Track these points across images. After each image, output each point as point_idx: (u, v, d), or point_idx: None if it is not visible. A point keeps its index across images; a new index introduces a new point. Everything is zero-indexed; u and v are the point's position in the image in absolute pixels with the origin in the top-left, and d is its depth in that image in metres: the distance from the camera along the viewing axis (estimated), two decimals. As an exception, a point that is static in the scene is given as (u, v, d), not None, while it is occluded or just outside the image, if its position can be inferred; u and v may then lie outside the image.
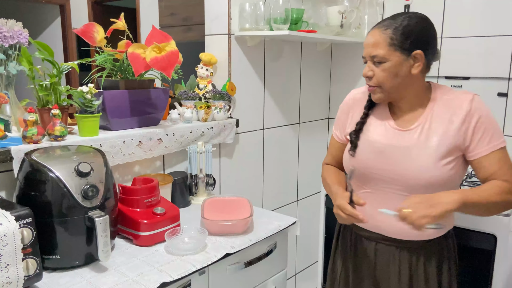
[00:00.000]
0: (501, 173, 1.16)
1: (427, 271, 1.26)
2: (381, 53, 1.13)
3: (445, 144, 1.16)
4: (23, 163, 1.17)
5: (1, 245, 0.96)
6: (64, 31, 4.82)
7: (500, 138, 1.18)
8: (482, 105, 1.18)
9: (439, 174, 1.15)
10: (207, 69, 1.94)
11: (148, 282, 1.09)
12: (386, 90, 1.18)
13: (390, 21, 1.16)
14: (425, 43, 1.15)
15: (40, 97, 1.36)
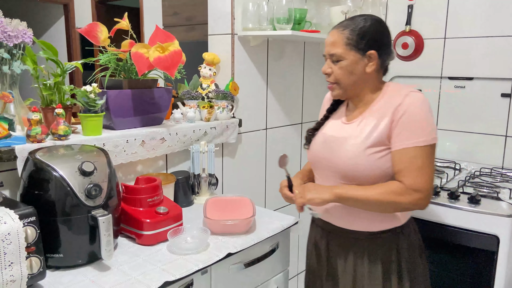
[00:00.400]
0: (405, 172, 1.18)
1: (370, 264, 1.30)
2: (339, 52, 1.22)
3: (373, 135, 1.22)
4: (27, 162, 1.18)
5: (5, 244, 0.97)
6: (67, 31, 4.83)
7: (421, 137, 1.17)
8: (414, 101, 1.19)
9: (365, 162, 1.21)
10: (210, 69, 1.94)
11: (150, 281, 1.09)
12: (343, 87, 1.27)
13: (348, 22, 1.25)
14: (378, 43, 1.23)
15: (44, 96, 1.36)
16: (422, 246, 1.36)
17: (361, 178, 1.23)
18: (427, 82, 2.26)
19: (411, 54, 2.27)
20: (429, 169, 1.18)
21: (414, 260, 1.31)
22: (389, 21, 2.35)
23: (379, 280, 1.29)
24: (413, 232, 1.34)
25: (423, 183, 1.17)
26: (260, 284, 1.45)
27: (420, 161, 1.17)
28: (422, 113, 1.18)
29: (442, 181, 1.84)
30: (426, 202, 1.19)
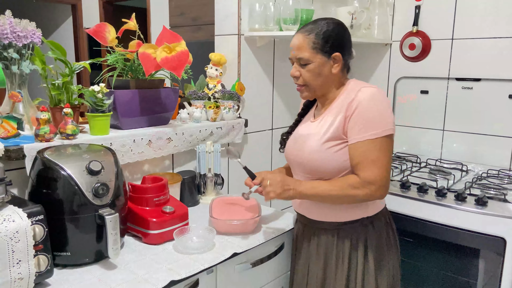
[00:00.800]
0: (360, 166, 1.22)
1: (338, 254, 1.33)
2: (306, 56, 1.27)
3: (330, 131, 1.27)
4: (35, 161, 1.19)
5: (13, 242, 0.98)
6: (75, 31, 4.87)
7: (373, 130, 1.21)
8: (365, 96, 1.23)
9: (323, 156, 1.27)
10: (216, 69, 1.95)
11: (156, 280, 1.10)
12: (312, 89, 1.32)
13: (312, 26, 1.29)
14: (342, 46, 1.28)
15: (53, 96, 1.38)
16: (392, 241, 1.37)
17: (321, 171, 1.29)
18: (434, 83, 2.25)
19: (418, 55, 2.26)
20: (382, 161, 1.21)
21: (381, 253, 1.33)
22: (396, 21, 2.34)
23: (346, 271, 1.32)
24: (384, 225, 1.35)
25: (376, 175, 1.20)
26: (265, 284, 1.46)
27: (372, 154, 1.21)
28: (372, 107, 1.22)
29: (449, 183, 1.83)
30: (381, 192, 1.23)
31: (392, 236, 1.38)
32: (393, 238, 1.38)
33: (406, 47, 2.29)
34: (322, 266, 1.36)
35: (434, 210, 1.68)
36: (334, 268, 1.33)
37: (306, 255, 1.41)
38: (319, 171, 1.29)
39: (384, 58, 2.40)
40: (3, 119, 1.21)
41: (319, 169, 1.29)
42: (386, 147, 1.22)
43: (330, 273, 1.35)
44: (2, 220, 0.98)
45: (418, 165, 2.14)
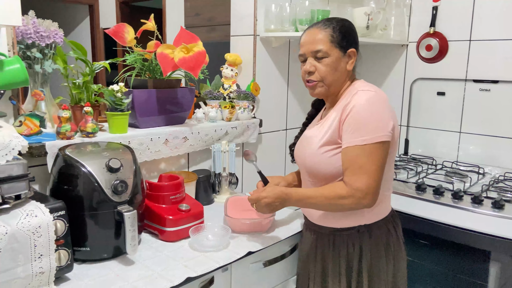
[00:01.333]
0: (347, 172, 1.19)
1: (334, 259, 1.32)
2: (324, 48, 1.24)
3: (327, 134, 1.25)
4: (57, 158, 1.22)
5: (36, 236, 1.01)
6: (92, 31, 4.94)
7: (362, 136, 1.17)
8: (359, 100, 1.20)
9: (319, 160, 1.26)
10: (232, 69, 1.96)
11: (173, 277, 1.12)
12: (327, 85, 1.28)
13: (326, 22, 1.28)
14: (355, 42, 1.28)
15: (73, 95, 1.41)
16: (394, 251, 1.32)
17: (320, 175, 1.28)
18: (451, 84, 2.23)
19: (435, 56, 2.24)
20: (370, 168, 1.16)
21: (377, 263, 1.29)
22: (413, 22, 2.32)
23: (342, 277, 1.30)
24: (385, 234, 1.30)
25: (362, 182, 1.16)
26: (279, 284, 1.47)
27: (360, 160, 1.16)
28: (364, 112, 1.18)
29: (465, 186, 1.81)
30: (367, 201, 1.17)
31: (395, 246, 1.32)
32: (396, 249, 1.32)
33: (422, 48, 2.27)
34: (320, 272, 1.35)
35: (450, 212, 1.67)
36: (331, 275, 1.32)
37: (306, 257, 1.40)
38: (318, 175, 1.28)
39: (400, 59, 2.38)
40: (26, 117, 1.24)
41: (318, 173, 1.28)
42: (376, 154, 1.17)
43: (328, 279, 1.33)
44: (25, 215, 1.01)
45: (434, 167, 2.12)
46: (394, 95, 2.41)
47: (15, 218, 0.99)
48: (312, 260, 1.38)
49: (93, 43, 5.12)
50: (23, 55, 1.30)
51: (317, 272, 1.36)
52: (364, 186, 1.16)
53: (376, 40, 2.12)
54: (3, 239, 0.95)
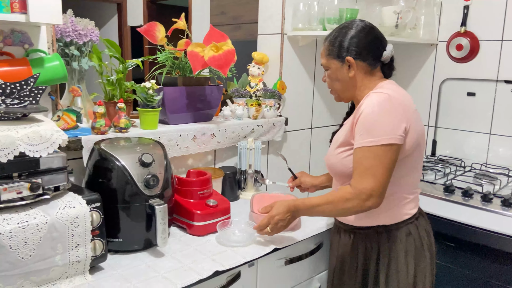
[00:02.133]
0: (354, 173, 1.20)
1: (352, 257, 1.34)
2: (323, 62, 1.33)
3: (342, 136, 1.28)
4: (92, 152, 1.27)
5: (73, 226, 1.06)
6: (120, 29, 5.05)
7: (369, 138, 1.17)
8: (369, 102, 1.20)
9: (336, 161, 1.29)
10: (258, 68, 1.98)
11: (202, 270, 1.15)
12: (336, 93, 1.35)
13: (330, 34, 1.32)
14: (355, 49, 1.26)
15: (107, 91, 1.46)
16: (416, 255, 1.29)
17: (338, 174, 1.31)
18: (482, 85, 2.18)
19: (465, 56, 2.20)
20: (377, 170, 1.16)
21: (397, 265, 1.27)
22: (443, 21, 2.28)
23: (359, 275, 1.32)
24: (405, 236, 1.28)
25: (366, 184, 1.16)
26: (303, 281, 1.48)
27: (367, 162, 1.17)
28: (373, 114, 1.17)
29: (495, 188, 1.78)
30: (372, 203, 1.17)
31: (417, 249, 1.29)
32: (418, 251, 1.29)
33: (453, 48, 2.23)
34: (340, 266, 1.37)
35: (479, 215, 1.64)
36: (348, 271, 1.34)
37: (333, 252, 1.43)
38: (337, 174, 1.32)
39: (429, 59, 2.35)
40: (64, 112, 1.29)
41: (336, 172, 1.31)
42: (383, 156, 1.16)
43: (346, 273, 1.35)
44: (64, 206, 1.06)
45: (463, 169, 2.09)
46: (422, 96, 2.38)
47: (54, 209, 1.04)
48: (335, 257, 1.40)
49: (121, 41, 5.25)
50: (62, 53, 1.35)
51: (336, 272, 1.39)
52: (368, 188, 1.16)
53: (405, 39, 2.09)
54: (43, 228, 1.00)
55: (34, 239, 0.99)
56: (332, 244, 1.45)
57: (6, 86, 1.09)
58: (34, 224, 0.99)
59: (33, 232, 0.99)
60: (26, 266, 0.98)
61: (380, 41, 1.29)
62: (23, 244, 0.97)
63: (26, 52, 1.27)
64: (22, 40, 1.26)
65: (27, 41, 1.27)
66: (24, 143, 0.99)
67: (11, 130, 0.99)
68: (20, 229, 0.97)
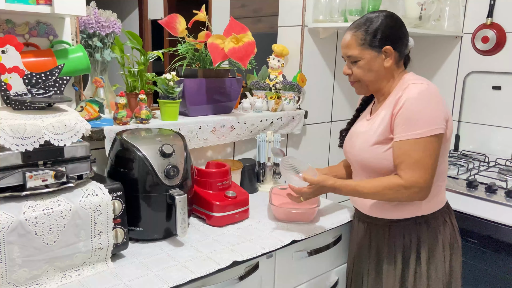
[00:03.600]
0: (402, 166, 1.18)
1: (389, 251, 1.32)
2: (355, 53, 1.26)
3: (379, 129, 1.25)
4: (114, 142, 1.29)
5: (96, 214, 1.08)
6: (141, 22, 5.10)
7: (417, 129, 1.16)
8: (411, 93, 1.18)
9: (372, 155, 1.26)
10: (278, 60, 1.97)
11: (220, 259, 1.16)
12: (365, 84, 1.30)
13: (359, 22, 1.28)
14: (392, 38, 1.25)
15: (129, 82, 1.47)
16: (451, 242, 1.31)
17: (373, 170, 1.28)
18: (508, 78, 2.12)
19: (491, 49, 2.13)
20: (426, 162, 1.17)
21: (435, 254, 1.28)
22: (469, 13, 2.22)
23: (398, 268, 1.30)
24: (442, 224, 1.30)
25: (417, 177, 1.16)
26: (321, 274, 1.47)
27: (415, 155, 1.16)
28: (417, 105, 1.17)
29: (521, 184, 1.73)
30: (422, 195, 1.19)
31: (452, 236, 1.32)
32: (452, 239, 1.32)
33: (478, 40, 2.17)
34: (375, 263, 1.36)
35: (503, 211, 1.60)
36: (386, 265, 1.32)
37: (360, 249, 1.41)
38: (371, 169, 1.29)
39: (454, 51, 2.29)
40: (87, 103, 1.32)
41: (371, 167, 1.28)
42: (431, 147, 1.17)
43: (383, 270, 1.33)
44: (87, 194, 1.08)
45: (487, 164, 2.04)
46: (446, 89, 2.32)
47: (78, 196, 1.06)
48: (366, 251, 1.38)
49: (141, 34, 5.29)
50: (85, 44, 1.37)
51: (371, 263, 1.37)
52: (421, 180, 1.17)
53: (428, 31, 2.04)
54: (67, 215, 1.03)
55: (58, 226, 1.01)
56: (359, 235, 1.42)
57: (32, 76, 1.11)
58: (59, 211, 1.01)
59: (58, 219, 1.01)
60: (51, 252, 1.01)
61: (407, 31, 1.30)
62: (48, 230, 1.00)
63: (51, 43, 1.29)
64: (47, 32, 1.29)
65: (52, 32, 1.30)
66: (49, 132, 1.01)
67: (37, 119, 1.02)
68: (45, 215, 0.99)
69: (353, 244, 1.46)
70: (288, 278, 1.36)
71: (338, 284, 1.54)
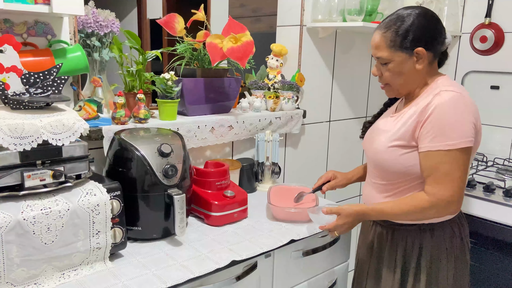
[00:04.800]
0: (430, 180, 1.14)
1: (391, 254, 1.30)
2: (384, 55, 1.19)
3: (400, 132, 1.19)
4: (113, 141, 1.29)
5: (94, 214, 1.08)
6: (139, 21, 5.10)
7: (446, 141, 1.10)
8: (442, 101, 1.12)
9: (388, 157, 1.21)
10: (277, 60, 1.97)
11: (219, 259, 1.16)
12: (395, 88, 1.24)
13: (389, 22, 1.20)
14: (425, 38, 1.17)
15: (127, 82, 1.47)
16: (457, 254, 1.26)
17: (386, 171, 1.24)
18: (506, 78, 2.12)
19: (489, 48, 2.14)
20: (455, 175, 1.11)
21: (437, 264, 1.24)
22: (467, 12, 2.23)
23: (398, 273, 1.28)
24: (448, 235, 1.25)
25: (446, 191, 1.12)
26: (319, 273, 1.48)
27: (445, 167, 1.11)
28: (449, 115, 1.10)
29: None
30: (452, 209, 1.15)
31: (459, 249, 1.26)
32: (459, 252, 1.26)
33: (477, 40, 2.18)
34: (375, 266, 1.35)
35: (501, 210, 1.61)
36: (386, 270, 1.31)
37: (365, 248, 1.41)
38: (384, 170, 1.25)
39: (452, 51, 2.30)
40: (85, 102, 1.32)
41: (385, 169, 1.24)
42: (461, 160, 1.11)
43: (382, 274, 1.33)
44: (85, 194, 1.08)
45: (485, 164, 2.04)
46: (444, 89, 2.33)
47: (76, 196, 1.06)
48: (369, 251, 1.37)
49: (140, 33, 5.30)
50: (83, 44, 1.37)
51: (371, 264, 1.36)
52: (448, 194, 1.12)
53: (426, 31, 2.04)
54: (66, 215, 1.03)
55: (56, 225, 1.01)
56: (364, 235, 1.42)
57: (30, 75, 1.11)
58: (57, 211, 1.01)
59: (56, 218, 1.01)
60: (49, 251, 1.01)
61: (443, 28, 1.22)
62: (46, 230, 1.00)
63: (49, 43, 1.29)
64: (45, 31, 1.29)
65: (50, 32, 1.30)
66: (47, 131, 1.01)
67: (35, 119, 1.01)
68: (43, 215, 0.99)
69: (360, 244, 1.45)
70: (287, 278, 1.36)
71: (337, 283, 1.54)
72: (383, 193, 1.28)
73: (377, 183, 1.30)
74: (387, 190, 1.26)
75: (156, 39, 4.23)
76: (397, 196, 1.24)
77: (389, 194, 1.26)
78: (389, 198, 1.26)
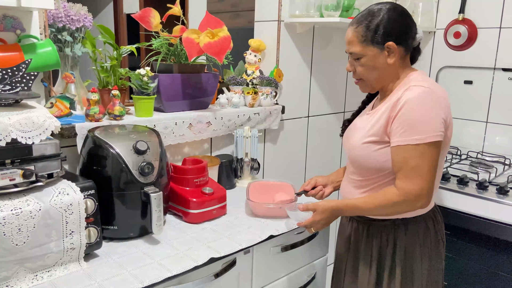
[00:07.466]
0: (399, 174, 1.15)
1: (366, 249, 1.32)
2: (357, 50, 1.21)
3: (373, 128, 1.21)
4: (86, 139, 1.26)
5: (67, 214, 1.05)
6: (116, 16, 5.00)
7: (415, 135, 1.11)
8: (412, 96, 1.13)
9: (363, 153, 1.23)
10: (255, 55, 1.96)
11: (197, 257, 1.15)
12: (369, 83, 1.26)
13: (360, 17, 1.22)
14: (395, 33, 1.19)
15: (101, 78, 1.44)
16: (429, 249, 1.28)
17: (362, 167, 1.26)
18: (479, 73, 2.17)
19: (463, 44, 2.19)
20: (424, 170, 1.12)
21: (411, 258, 1.26)
22: (442, 9, 2.27)
23: (374, 267, 1.30)
24: (422, 230, 1.27)
25: (415, 185, 1.13)
26: (299, 268, 1.48)
27: (413, 162, 1.12)
28: (418, 109, 1.11)
29: (490, 176, 1.79)
30: (421, 203, 1.16)
31: (432, 243, 1.28)
32: (432, 246, 1.29)
33: (450, 36, 2.22)
34: (352, 261, 1.37)
35: (474, 203, 1.65)
36: (362, 265, 1.33)
37: (343, 243, 1.42)
38: (359, 166, 1.27)
39: (427, 46, 2.34)
40: (57, 99, 1.28)
41: (361, 165, 1.26)
42: (429, 154, 1.12)
43: (359, 270, 1.34)
44: (57, 193, 1.05)
45: (459, 157, 2.09)
46: (419, 84, 2.37)
47: (48, 196, 1.03)
48: (346, 246, 1.39)
49: (116, 28, 5.19)
50: (54, 39, 1.33)
51: (349, 260, 1.37)
52: (417, 188, 1.13)
53: (402, 27, 2.07)
54: (37, 215, 1.00)
55: (28, 226, 0.98)
56: (342, 230, 1.43)
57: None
58: (28, 211, 0.98)
59: (27, 219, 0.98)
60: (21, 253, 0.98)
61: (414, 23, 1.23)
62: (17, 230, 0.97)
63: (18, 38, 1.25)
64: (14, 26, 1.24)
65: (19, 26, 1.25)
66: (16, 129, 0.98)
67: (3, 117, 0.98)
68: (13, 216, 0.96)
69: (339, 238, 1.47)
70: (266, 273, 1.37)
71: (316, 277, 1.55)
72: (360, 189, 1.29)
73: (354, 179, 1.31)
74: (363, 186, 1.28)
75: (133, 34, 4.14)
76: (373, 191, 1.26)
77: (365, 190, 1.28)
78: (365, 194, 1.27)
